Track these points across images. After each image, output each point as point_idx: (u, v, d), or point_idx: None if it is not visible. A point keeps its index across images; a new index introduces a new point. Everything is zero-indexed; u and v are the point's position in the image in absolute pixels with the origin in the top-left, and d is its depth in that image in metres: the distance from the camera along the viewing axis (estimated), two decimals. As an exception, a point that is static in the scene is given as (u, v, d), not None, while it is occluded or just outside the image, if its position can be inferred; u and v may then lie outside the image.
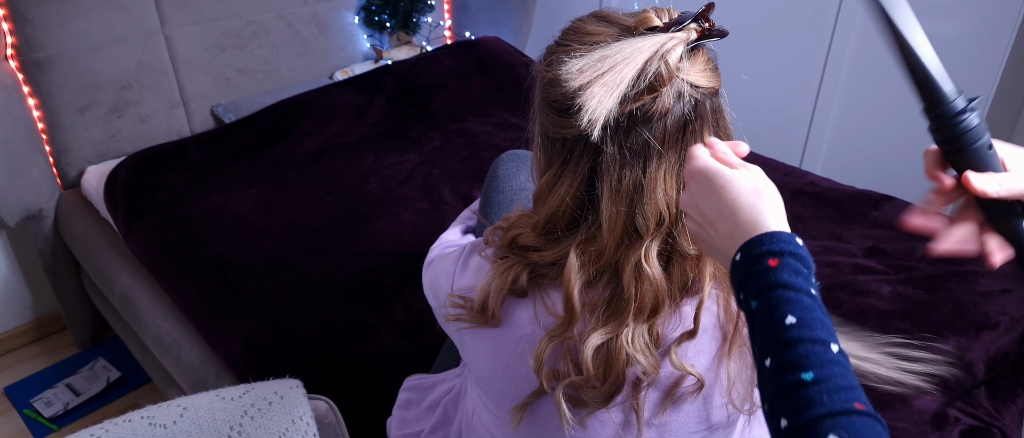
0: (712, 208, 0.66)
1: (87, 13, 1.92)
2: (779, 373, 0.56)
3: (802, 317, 0.57)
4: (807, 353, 0.55)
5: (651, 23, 0.73)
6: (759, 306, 0.59)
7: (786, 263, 0.60)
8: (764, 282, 0.59)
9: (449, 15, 2.75)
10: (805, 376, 0.54)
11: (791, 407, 0.54)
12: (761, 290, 0.59)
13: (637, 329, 0.77)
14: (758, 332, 0.59)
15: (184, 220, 1.80)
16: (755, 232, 0.62)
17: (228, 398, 0.96)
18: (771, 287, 0.59)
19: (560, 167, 0.78)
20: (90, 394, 2.09)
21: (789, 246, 0.61)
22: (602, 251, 0.76)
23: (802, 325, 0.57)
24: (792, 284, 0.58)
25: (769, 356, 0.57)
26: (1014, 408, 1.33)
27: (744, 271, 0.61)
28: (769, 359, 0.57)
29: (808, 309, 0.58)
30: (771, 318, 0.58)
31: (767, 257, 0.60)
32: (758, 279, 0.60)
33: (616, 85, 0.69)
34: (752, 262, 0.61)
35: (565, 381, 0.81)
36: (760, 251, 0.61)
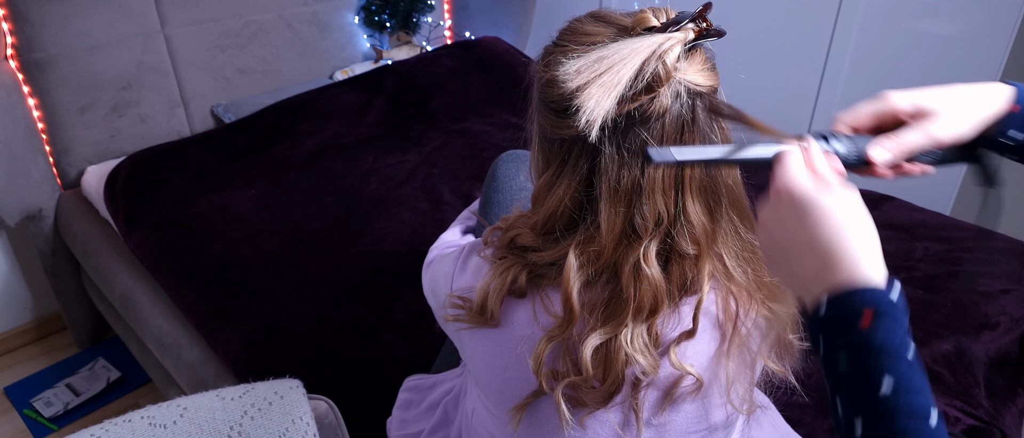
0: (801, 240, 0.60)
1: (87, 13, 1.92)
2: None
3: (899, 383, 0.53)
4: (906, 428, 0.52)
5: (648, 23, 0.73)
6: (850, 367, 0.55)
7: (883, 319, 0.55)
8: (857, 340, 0.55)
9: (449, 15, 2.75)
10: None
11: None
12: (854, 348, 0.55)
13: (636, 329, 0.77)
14: (846, 392, 0.55)
15: (184, 220, 1.80)
16: (845, 277, 0.57)
17: (228, 398, 0.96)
18: (867, 349, 0.55)
19: (558, 167, 0.78)
20: (90, 394, 2.10)
21: (884, 299, 0.56)
22: (601, 251, 0.76)
23: (899, 392, 0.53)
24: (888, 346, 0.55)
25: (860, 419, 0.54)
26: (1014, 408, 1.33)
27: (830, 323, 0.57)
28: (860, 424, 0.54)
29: (904, 372, 0.54)
30: (865, 380, 0.54)
31: (861, 313, 0.55)
32: (849, 335, 0.55)
33: (614, 86, 0.69)
34: (845, 318, 0.56)
35: (564, 381, 0.81)
36: (854, 307, 0.56)
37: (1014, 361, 1.40)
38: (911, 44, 2.06)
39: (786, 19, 2.27)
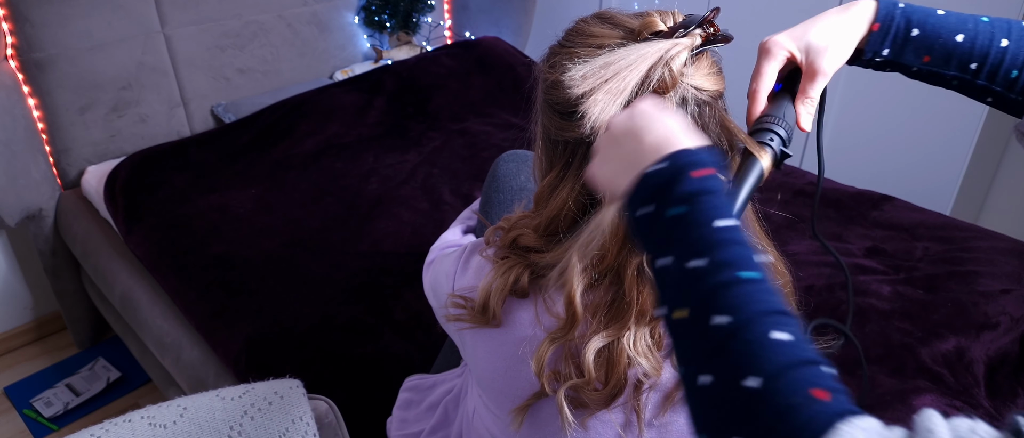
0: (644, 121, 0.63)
1: (87, 13, 1.92)
2: (716, 270, 0.53)
3: (734, 227, 0.56)
4: (744, 254, 0.54)
5: (655, 28, 0.73)
6: (688, 210, 0.56)
7: (715, 175, 0.58)
8: (696, 188, 0.57)
9: (449, 15, 2.75)
10: (745, 274, 0.52)
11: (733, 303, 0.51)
12: (691, 196, 0.57)
13: (639, 332, 0.77)
14: (681, 236, 0.56)
15: (184, 220, 1.80)
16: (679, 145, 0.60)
17: (228, 398, 0.96)
18: (705, 193, 0.57)
19: (562, 169, 0.77)
20: (90, 394, 2.09)
21: (716, 161, 0.60)
22: (604, 254, 0.76)
23: (736, 230, 0.55)
24: (722, 191, 0.58)
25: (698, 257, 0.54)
26: (1014, 408, 1.33)
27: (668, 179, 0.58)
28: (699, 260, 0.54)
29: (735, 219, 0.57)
30: (703, 220, 0.56)
31: (694, 167, 0.58)
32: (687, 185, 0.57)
33: (619, 92, 0.69)
34: (681, 171, 0.58)
35: (567, 383, 0.80)
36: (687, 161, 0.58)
37: (1014, 361, 1.40)
38: (911, 44, 2.06)
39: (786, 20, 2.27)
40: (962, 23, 0.79)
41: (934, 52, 0.79)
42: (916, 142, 2.13)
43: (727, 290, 0.52)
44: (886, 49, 0.79)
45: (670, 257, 0.56)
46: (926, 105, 2.08)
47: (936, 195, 2.11)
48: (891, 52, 0.79)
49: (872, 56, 0.80)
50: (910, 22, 0.78)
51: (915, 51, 0.79)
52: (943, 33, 0.78)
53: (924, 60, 0.79)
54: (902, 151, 2.18)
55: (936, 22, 0.78)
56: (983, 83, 0.79)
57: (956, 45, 0.78)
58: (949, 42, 0.78)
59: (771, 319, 0.50)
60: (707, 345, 0.51)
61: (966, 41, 0.78)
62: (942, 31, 0.78)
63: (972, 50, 0.78)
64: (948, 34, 0.78)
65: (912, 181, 2.15)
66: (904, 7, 0.79)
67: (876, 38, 0.79)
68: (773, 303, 0.51)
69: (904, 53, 0.79)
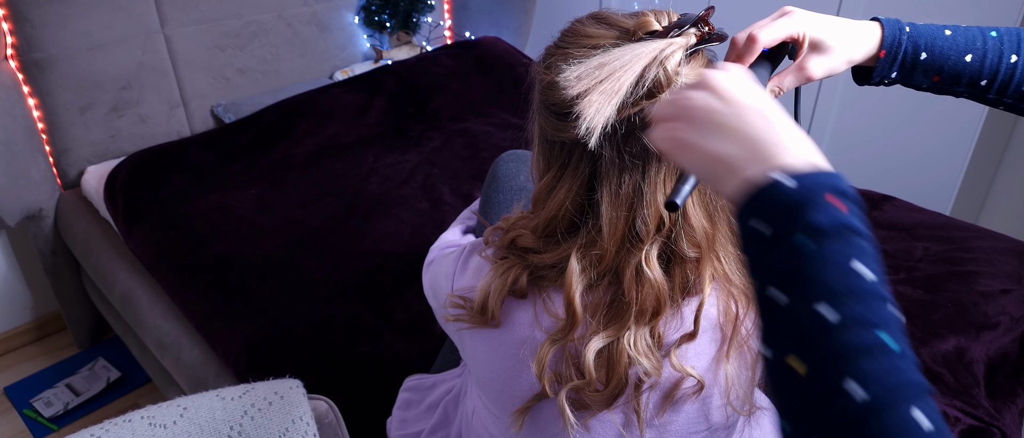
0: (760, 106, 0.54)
1: (87, 13, 1.92)
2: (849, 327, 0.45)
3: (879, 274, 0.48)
4: (888, 316, 0.46)
5: (650, 27, 0.73)
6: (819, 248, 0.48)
7: (854, 209, 0.50)
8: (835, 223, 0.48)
9: (449, 15, 2.75)
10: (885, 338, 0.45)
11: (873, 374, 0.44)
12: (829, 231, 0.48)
13: (639, 332, 0.77)
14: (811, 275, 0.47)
15: (184, 220, 1.80)
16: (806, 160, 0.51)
17: (228, 398, 0.96)
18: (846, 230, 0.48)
19: (559, 170, 0.77)
20: (90, 394, 2.10)
21: (853, 190, 0.51)
22: (603, 255, 0.76)
23: (881, 283, 0.47)
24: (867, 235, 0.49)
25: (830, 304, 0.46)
26: (1014, 408, 1.33)
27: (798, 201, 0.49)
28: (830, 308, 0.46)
29: (882, 269, 0.48)
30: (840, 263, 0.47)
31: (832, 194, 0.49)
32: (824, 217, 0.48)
33: (614, 93, 0.68)
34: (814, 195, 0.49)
35: (568, 385, 0.80)
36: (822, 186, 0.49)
37: (1014, 361, 1.40)
38: (911, 44, 2.06)
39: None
40: (970, 42, 0.77)
41: (944, 73, 0.78)
42: (916, 142, 2.13)
43: (866, 357, 0.44)
44: (894, 73, 0.78)
45: (790, 293, 0.48)
46: (926, 105, 2.08)
47: (936, 195, 2.11)
48: (900, 75, 0.78)
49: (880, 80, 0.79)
50: (917, 47, 0.77)
51: (924, 73, 0.78)
52: (952, 55, 0.77)
53: (933, 80, 0.78)
54: (902, 151, 2.18)
55: (944, 44, 0.77)
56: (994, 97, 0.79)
57: (965, 65, 0.77)
58: (958, 63, 0.77)
59: (915, 401, 0.43)
60: (832, 416, 0.44)
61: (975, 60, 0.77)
62: (950, 53, 0.77)
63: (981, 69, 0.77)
64: (957, 55, 0.77)
65: (912, 181, 2.15)
66: (910, 31, 0.78)
67: (884, 63, 0.78)
68: (915, 377, 0.44)
69: (913, 76, 0.78)
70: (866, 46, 0.78)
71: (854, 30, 0.78)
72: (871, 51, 0.78)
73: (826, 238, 0.48)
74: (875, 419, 0.42)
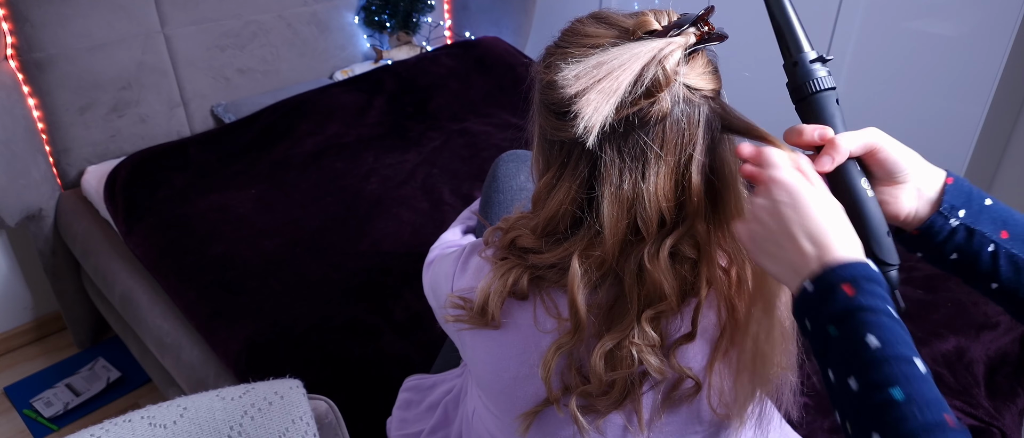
0: (799, 226, 0.65)
1: (87, 13, 1.92)
2: (868, 392, 0.57)
3: (884, 337, 0.59)
4: (895, 371, 0.57)
5: (649, 27, 0.73)
6: (839, 332, 0.60)
7: (863, 288, 0.61)
8: (843, 308, 0.60)
9: (449, 15, 2.75)
10: (896, 394, 0.56)
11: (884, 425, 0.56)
12: (840, 316, 0.60)
13: (642, 332, 0.77)
14: (835, 356, 0.61)
15: (184, 220, 1.80)
16: (832, 257, 0.63)
17: (228, 398, 0.96)
18: (852, 311, 0.60)
19: (558, 169, 0.77)
20: (90, 394, 2.10)
21: (864, 271, 0.62)
22: (604, 256, 0.76)
23: (885, 344, 0.58)
24: (871, 306, 0.60)
25: (853, 376, 0.59)
26: (1014, 408, 1.33)
27: (817, 299, 0.62)
28: (854, 380, 0.58)
29: (888, 328, 0.59)
30: (853, 340, 0.59)
31: (842, 283, 0.61)
32: (835, 306, 0.61)
33: (613, 92, 0.68)
34: (828, 290, 0.62)
35: (577, 391, 0.81)
36: (834, 278, 0.62)
37: (1014, 361, 1.40)
38: (911, 44, 2.06)
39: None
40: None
41: (1012, 227, 0.72)
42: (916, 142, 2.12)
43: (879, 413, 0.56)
44: (962, 209, 0.72)
45: (831, 371, 0.61)
46: (926, 105, 2.08)
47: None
48: (968, 215, 0.72)
49: (947, 214, 0.72)
50: (982, 194, 0.74)
51: (992, 221, 0.72)
52: (1016, 213, 0.73)
53: (1002, 236, 0.72)
54: (902, 151, 2.18)
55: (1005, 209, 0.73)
56: None
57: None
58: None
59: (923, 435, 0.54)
60: None
61: None
62: (1015, 212, 0.73)
63: None
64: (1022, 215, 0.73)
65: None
66: None
67: (952, 192, 0.72)
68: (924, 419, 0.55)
69: (981, 220, 0.72)
70: (936, 178, 0.73)
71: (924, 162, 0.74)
72: (939, 183, 0.73)
73: (841, 323, 0.60)
74: None
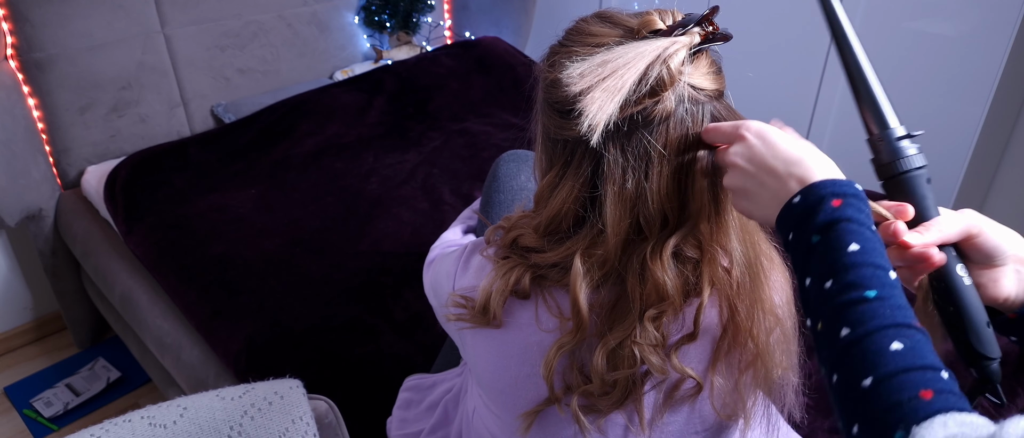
0: (778, 157, 0.68)
1: (87, 13, 1.92)
2: (843, 290, 0.60)
3: (865, 245, 0.62)
4: (871, 274, 0.60)
5: (654, 26, 0.73)
6: (822, 239, 0.63)
7: (850, 202, 0.64)
8: (830, 217, 0.63)
9: (449, 15, 2.75)
10: (869, 293, 0.59)
11: (855, 318, 0.59)
12: (826, 225, 0.63)
13: (644, 332, 0.77)
14: (816, 262, 0.63)
15: (184, 220, 1.80)
16: (814, 175, 0.66)
17: (228, 398, 0.96)
18: (837, 221, 0.63)
19: (561, 168, 0.77)
20: (90, 394, 2.09)
21: (852, 189, 0.65)
22: (606, 256, 0.76)
23: (865, 252, 0.61)
24: (856, 218, 0.63)
25: (831, 278, 0.61)
26: (1014, 408, 1.33)
27: (805, 209, 0.65)
28: (831, 281, 0.61)
29: (869, 240, 0.62)
30: (835, 245, 0.62)
31: (832, 197, 0.64)
32: (823, 215, 0.64)
33: (617, 90, 0.68)
34: (817, 201, 0.65)
35: (578, 390, 0.80)
36: (825, 192, 0.65)
37: (1014, 361, 1.40)
38: (911, 44, 2.06)
39: (786, 19, 2.27)
40: None
41: None
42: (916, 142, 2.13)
43: (852, 308, 0.59)
44: None
45: (809, 278, 0.64)
46: (926, 106, 2.08)
47: (936, 195, 2.11)
48: None
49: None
50: None
51: None
52: None
53: None
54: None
55: None
56: None
57: None
58: None
59: (889, 332, 0.57)
60: (834, 353, 0.59)
61: None
62: None
63: None
64: None
65: (912, 181, 2.15)
66: None
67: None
68: (894, 317, 0.58)
69: None
70: None
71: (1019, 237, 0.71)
72: None
73: (826, 231, 0.63)
74: (855, 348, 0.58)
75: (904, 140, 0.71)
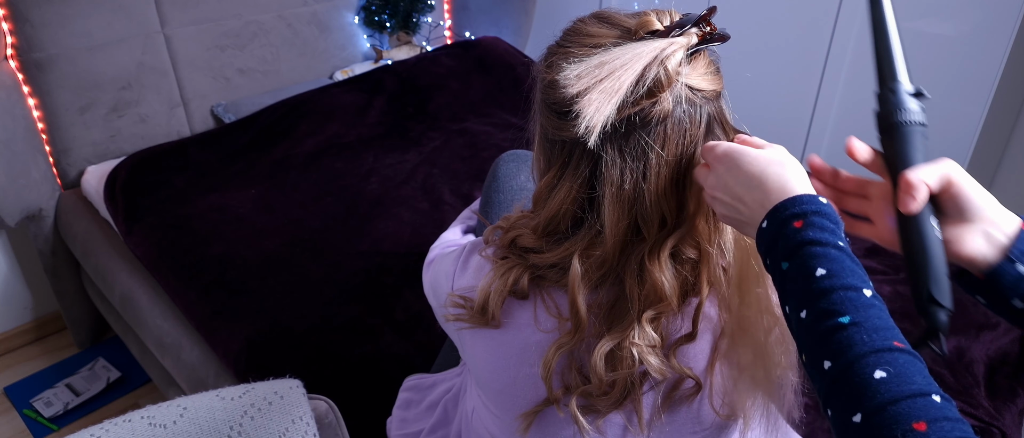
0: (741, 183, 0.67)
1: (87, 13, 1.92)
2: (817, 320, 0.58)
3: (832, 268, 0.59)
4: (842, 299, 0.58)
5: (652, 27, 0.73)
6: (790, 266, 0.61)
7: (811, 222, 0.62)
8: (793, 242, 0.61)
9: (449, 15, 2.75)
10: (842, 320, 0.57)
11: (833, 350, 0.56)
12: (790, 250, 0.61)
13: (642, 332, 0.77)
14: (790, 290, 0.61)
15: (184, 220, 1.80)
16: (778, 196, 0.64)
17: (228, 398, 0.96)
18: (800, 245, 0.61)
19: (559, 169, 0.77)
20: (90, 394, 2.09)
21: (812, 205, 0.63)
22: (605, 257, 0.76)
23: (833, 275, 0.59)
24: (819, 239, 0.61)
25: (805, 308, 0.59)
26: (1014, 408, 1.33)
27: (771, 236, 0.63)
28: (805, 311, 0.59)
29: (836, 260, 0.60)
30: (802, 273, 0.60)
31: (792, 219, 0.62)
32: (786, 241, 0.62)
33: (614, 92, 0.68)
34: (780, 226, 0.63)
35: (577, 391, 0.80)
36: (785, 215, 0.63)
37: (1014, 361, 1.40)
38: (911, 44, 2.04)
39: (786, 19, 2.27)
40: None
41: None
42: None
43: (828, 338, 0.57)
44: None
45: (787, 306, 0.62)
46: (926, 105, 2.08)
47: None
48: None
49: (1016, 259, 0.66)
50: None
51: None
52: None
53: None
54: (902, 151, 2.18)
55: None
56: None
57: None
58: None
59: (870, 359, 0.54)
60: (823, 387, 0.57)
61: None
62: None
63: None
64: None
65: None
66: None
67: None
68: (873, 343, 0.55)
69: None
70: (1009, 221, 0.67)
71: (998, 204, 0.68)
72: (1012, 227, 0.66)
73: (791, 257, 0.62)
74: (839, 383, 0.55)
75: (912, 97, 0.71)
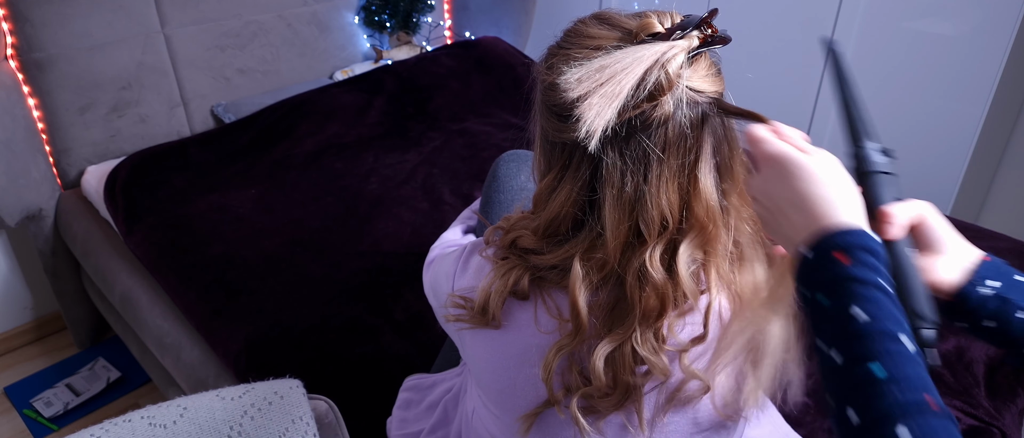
0: (785, 198, 0.65)
1: (87, 13, 1.92)
2: (850, 365, 0.56)
3: (872, 311, 0.57)
4: (879, 350, 0.56)
5: (652, 29, 0.72)
6: (830, 302, 0.59)
7: (857, 257, 0.59)
8: (835, 277, 0.59)
9: (449, 15, 2.75)
10: (875, 370, 0.55)
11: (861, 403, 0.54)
12: (832, 285, 0.59)
13: (643, 334, 0.77)
14: (826, 328, 0.59)
15: (184, 220, 1.80)
16: (826, 225, 0.62)
17: (228, 398, 0.96)
18: (842, 281, 0.59)
19: (560, 171, 0.77)
20: (90, 394, 2.10)
21: (859, 240, 0.61)
22: (606, 259, 0.76)
23: (873, 319, 0.57)
24: (863, 278, 0.58)
25: (838, 349, 0.57)
26: (1014, 408, 1.33)
27: (813, 266, 0.61)
28: (839, 353, 0.57)
29: (878, 303, 0.58)
30: (841, 312, 0.58)
31: (836, 251, 0.60)
32: (827, 274, 0.60)
33: (615, 96, 0.68)
34: (822, 256, 0.61)
35: (578, 392, 0.80)
36: (830, 246, 0.61)
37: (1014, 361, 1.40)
38: (911, 44, 2.06)
39: (786, 19, 2.27)
40: None
41: None
42: (916, 142, 2.13)
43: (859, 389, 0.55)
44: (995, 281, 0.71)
45: (820, 340, 0.60)
46: (926, 105, 2.08)
47: (936, 195, 2.11)
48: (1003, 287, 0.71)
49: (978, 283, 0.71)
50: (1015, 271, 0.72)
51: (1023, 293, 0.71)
52: None
53: None
54: (902, 151, 2.18)
55: None
56: None
57: None
58: None
59: (903, 420, 0.52)
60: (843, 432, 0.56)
61: None
62: None
63: None
64: None
65: (912, 181, 2.15)
66: None
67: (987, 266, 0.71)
68: (904, 398, 0.53)
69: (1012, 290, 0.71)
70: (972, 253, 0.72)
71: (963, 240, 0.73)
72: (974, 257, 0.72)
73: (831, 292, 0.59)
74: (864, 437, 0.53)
75: (878, 153, 0.73)
